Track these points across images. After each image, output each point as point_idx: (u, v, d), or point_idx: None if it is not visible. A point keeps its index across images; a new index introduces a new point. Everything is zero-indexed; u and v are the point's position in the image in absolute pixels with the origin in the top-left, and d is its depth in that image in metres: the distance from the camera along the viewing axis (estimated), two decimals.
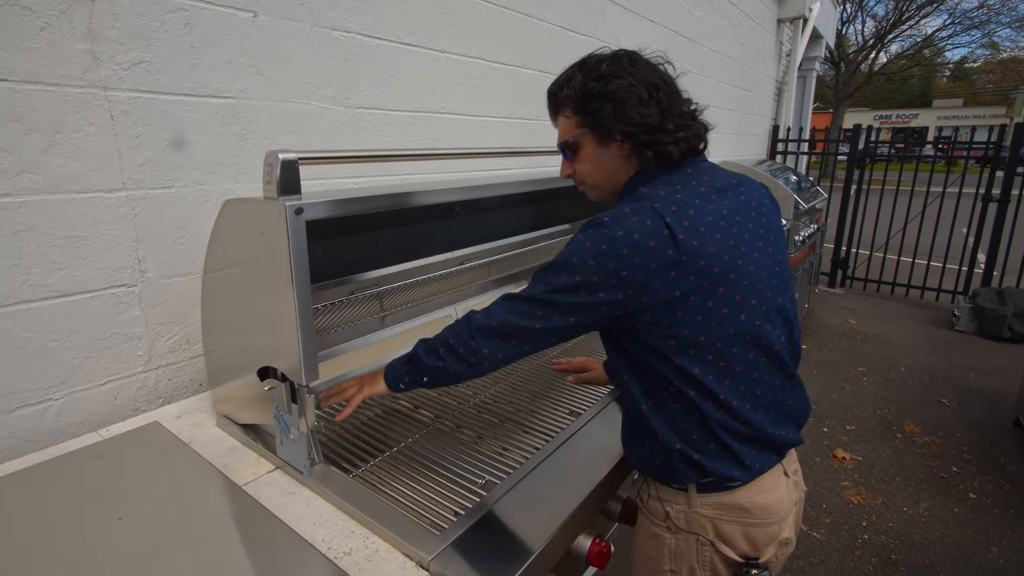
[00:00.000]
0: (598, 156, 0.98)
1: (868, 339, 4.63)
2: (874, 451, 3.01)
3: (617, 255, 0.84)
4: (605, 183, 1.02)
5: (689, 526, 0.98)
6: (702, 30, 3.98)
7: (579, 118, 0.97)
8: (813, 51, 7.18)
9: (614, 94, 0.91)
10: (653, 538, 1.03)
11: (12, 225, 1.05)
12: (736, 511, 0.96)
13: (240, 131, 1.37)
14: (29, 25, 1.02)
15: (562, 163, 1.06)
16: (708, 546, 0.97)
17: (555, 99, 1.02)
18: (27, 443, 1.12)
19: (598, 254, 0.85)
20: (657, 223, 0.84)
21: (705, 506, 0.96)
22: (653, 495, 1.03)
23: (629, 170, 0.99)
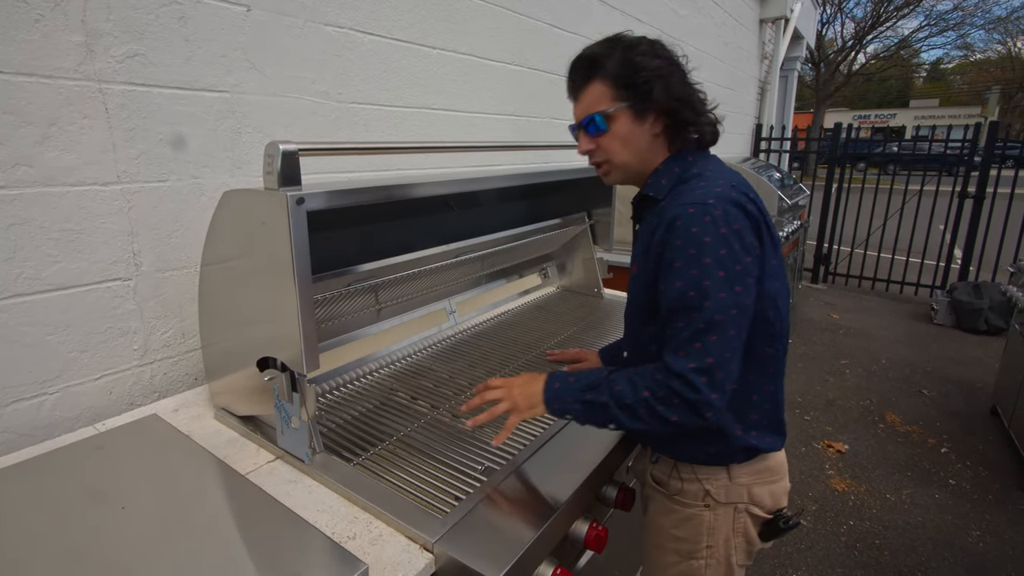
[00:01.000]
0: (631, 132, 0.96)
1: (850, 333, 4.73)
2: (857, 440, 3.08)
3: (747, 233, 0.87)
4: (633, 162, 1.00)
5: (728, 498, 1.02)
6: (687, 29, 4.03)
7: (618, 91, 0.94)
8: (794, 51, 7.30)
9: (659, 70, 0.93)
10: (688, 520, 1.05)
11: (7, 218, 1.05)
12: (766, 472, 1.03)
13: (234, 125, 1.38)
14: (23, 17, 1.02)
15: (581, 139, 1.01)
16: (743, 512, 1.03)
17: (590, 67, 0.97)
18: (22, 437, 1.12)
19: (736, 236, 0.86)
20: (743, 199, 0.90)
21: (743, 475, 1.02)
22: (689, 477, 1.04)
23: (660, 151, 1.00)
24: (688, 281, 0.85)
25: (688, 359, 0.85)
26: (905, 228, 5.51)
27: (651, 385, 0.87)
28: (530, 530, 0.89)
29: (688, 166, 0.99)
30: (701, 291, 0.84)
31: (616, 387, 0.90)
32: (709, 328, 0.84)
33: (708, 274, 0.84)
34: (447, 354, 1.60)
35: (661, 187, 0.99)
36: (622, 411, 0.89)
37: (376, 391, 1.38)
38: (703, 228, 0.85)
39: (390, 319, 1.59)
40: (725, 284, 0.84)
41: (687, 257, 0.86)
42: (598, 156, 1.02)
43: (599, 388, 0.92)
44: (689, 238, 0.86)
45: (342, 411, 1.27)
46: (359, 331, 1.50)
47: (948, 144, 5.42)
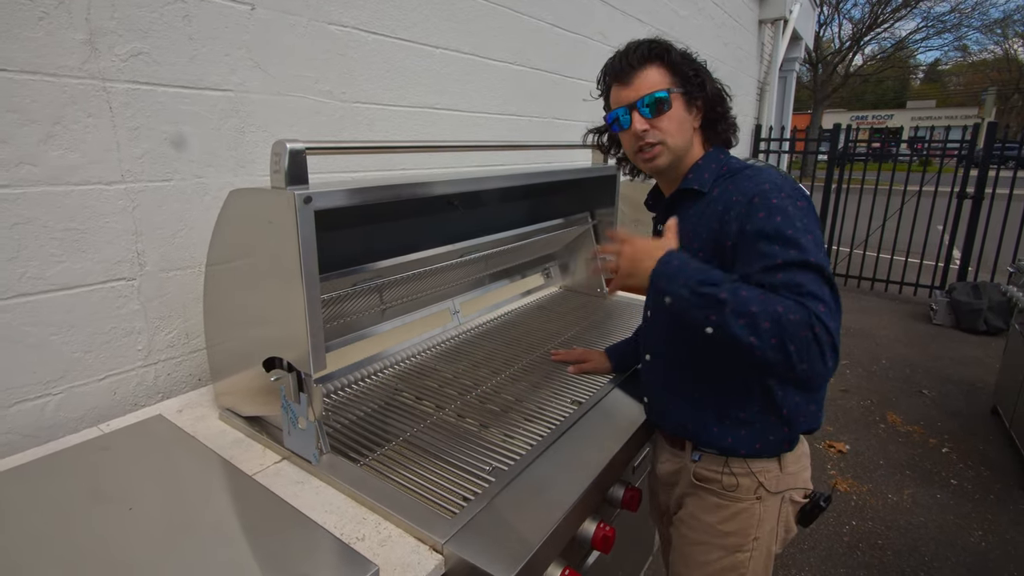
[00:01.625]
0: (684, 119, 1.02)
1: (850, 333, 4.73)
2: (859, 440, 3.08)
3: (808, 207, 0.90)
4: (682, 148, 1.03)
5: (778, 487, 1.04)
6: (687, 30, 4.03)
7: (675, 78, 1.01)
8: (793, 52, 7.31)
9: (702, 67, 1.03)
10: (739, 514, 1.05)
11: (11, 217, 1.04)
12: (804, 458, 1.07)
13: (238, 124, 1.37)
14: (27, 15, 1.01)
15: (635, 119, 1.01)
16: (787, 501, 1.05)
17: (650, 52, 1.01)
18: (26, 438, 1.11)
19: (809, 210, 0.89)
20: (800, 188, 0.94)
21: (791, 464, 1.04)
22: (742, 471, 1.05)
23: (697, 145, 1.06)
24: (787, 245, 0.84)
25: (818, 302, 0.79)
26: (904, 228, 5.52)
27: (789, 304, 0.78)
28: (539, 531, 0.88)
29: (726, 161, 1.05)
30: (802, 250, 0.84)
31: (742, 292, 0.82)
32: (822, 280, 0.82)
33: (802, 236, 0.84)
34: (451, 354, 1.60)
35: (704, 181, 1.03)
36: (739, 317, 0.80)
37: (381, 391, 1.37)
38: (782, 201, 0.88)
39: (394, 319, 1.58)
40: (815, 247, 0.85)
41: (776, 225, 0.86)
42: (652, 137, 1.02)
43: (719, 284, 0.84)
44: (772, 210, 0.88)
45: (348, 411, 1.27)
46: (364, 331, 1.50)
47: (947, 144, 5.43)
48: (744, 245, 0.90)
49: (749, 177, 0.96)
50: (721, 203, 0.97)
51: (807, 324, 0.77)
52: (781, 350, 0.78)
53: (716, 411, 1.05)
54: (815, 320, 0.77)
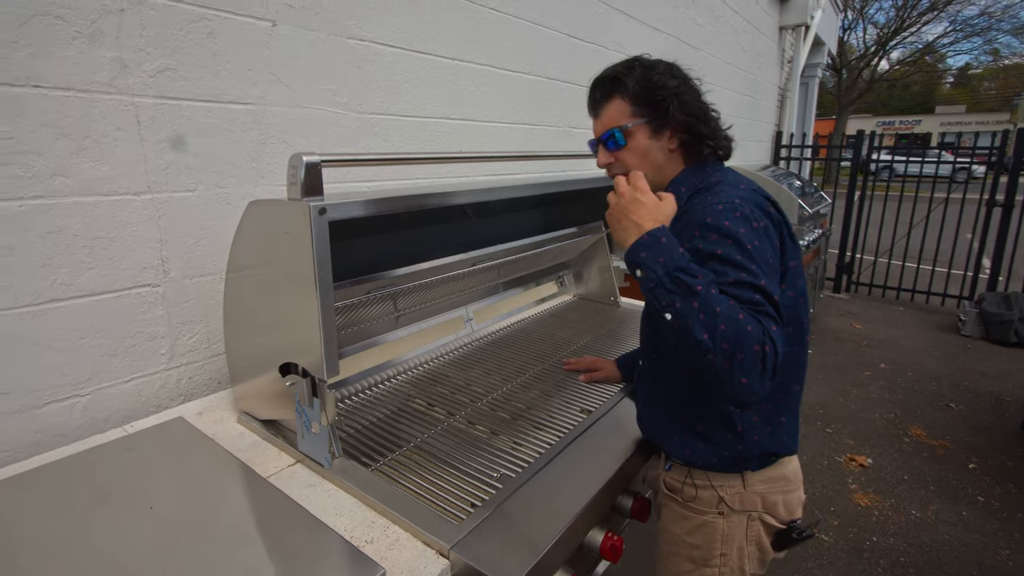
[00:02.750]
0: (648, 148, 1.02)
1: (874, 344, 4.63)
2: (881, 454, 3.01)
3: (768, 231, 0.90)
4: (650, 175, 1.03)
5: (743, 505, 1.03)
6: (705, 37, 4.02)
7: (636, 107, 1.01)
8: (815, 58, 7.23)
9: (676, 88, 1.00)
10: (702, 527, 1.06)
11: (44, 226, 1.09)
12: (781, 481, 1.04)
13: (259, 136, 1.41)
14: (62, 34, 1.06)
15: (600, 153, 1.07)
16: (756, 521, 1.04)
17: (611, 85, 1.03)
18: (55, 438, 1.16)
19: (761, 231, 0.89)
20: (764, 202, 0.94)
21: (758, 483, 1.03)
22: (703, 484, 1.05)
23: (675, 165, 1.05)
24: (736, 268, 0.85)
25: (771, 320, 0.81)
26: (931, 237, 5.40)
27: (748, 317, 0.79)
28: (545, 538, 0.89)
29: (706, 175, 1.04)
30: (751, 273, 0.85)
31: (713, 290, 0.81)
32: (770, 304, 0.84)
33: (752, 260, 0.86)
34: (464, 361, 1.62)
35: (680, 195, 1.03)
36: (702, 311, 0.79)
37: (394, 397, 1.39)
38: (734, 222, 0.88)
39: (408, 326, 1.61)
40: (763, 272, 0.86)
41: (728, 247, 0.87)
42: (616, 169, 1.07)
43: (698, 277, 0.82)
44: (724, 232, 0.87)
45: (360, 416, 1.29)
46: (378, 338, 1.52)
47: (976, 150, 5.30)
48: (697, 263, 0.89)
49: (715, 194, 0.95)
50: (683, 220, 0.96)
51: (759, 340, 0.78)
52: (729, 357, 0.77)
53: (679, 422, 1.06)
54: (767, 338, 0.78)
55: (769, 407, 1.01)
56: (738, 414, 0.99)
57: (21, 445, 1.11)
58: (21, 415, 1.11)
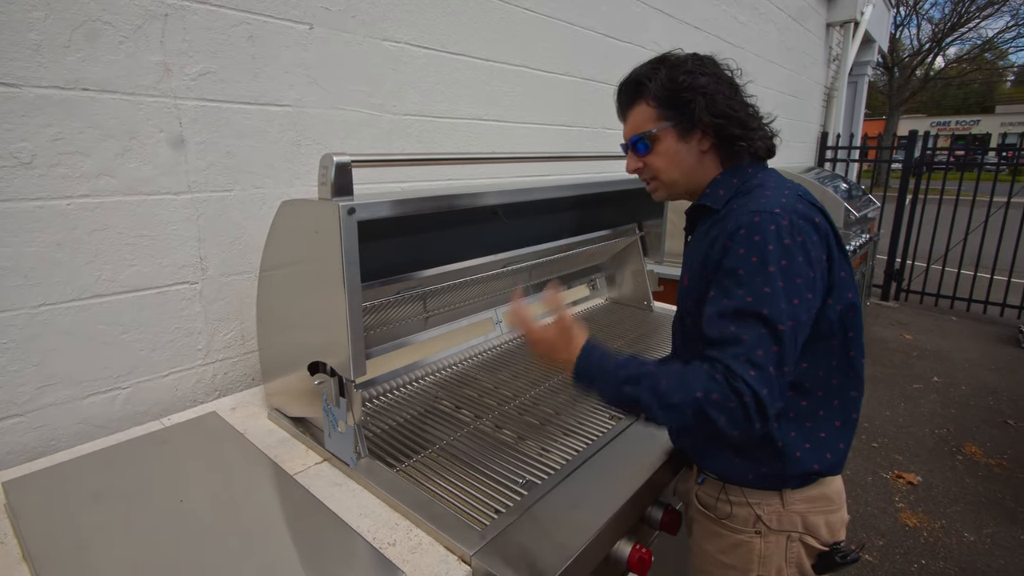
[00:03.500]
0: (677, 151, 0.98)
1: (925, 355, 4.40)
2: (932, 472, 2.85)
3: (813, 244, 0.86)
4: (681, 180, 1.01)
5: (781, 525, 0.98)
6: (747, 36, 3.91)
7: (662, 111, 0.97)
8: (865, 56, 6.94)
9: (704, 87, 0.94)
10: (738, 546, 1.01)
11: (90, 224, 1.13)
12: (822, 501, 0.99)
13: (295, 137, 1.44)
14: (109, 39, 1.10)
15: (629, 158, 1.04)
16: (796, 542, 0.99)
17: (635, 89, 1.00)
18: (97, 428, 1.20)
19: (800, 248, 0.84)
20: (811, 210, 0.89)
21: (797, 502, 0.98)
22: (739, 501, 1.01)
23: (710, 167, 1.00)
24: (750, 289, 0.83)
25: (749, 365, 0.79)
26: (990, 242, 5.09)
27: (708, 385, 0.80)
28: (570, 548, 0.87)
29: (747, 177, 0.98)
30: (761, 298, 0.82)
31: (660, 383, 0.84)
32: (770, 336, 0.81)
33: (770, 283, 0.82)
34: (492, 364, 1.61)
35: (719, 197, 0.98)
36: (664, 410, 0.83)
37: (421, 398, 1.39)
38: (766, 236, 0.83)
39: (437, 327, 1.61)
40: (784, 295, 0.82)
41: (750, 266, 0.83)
42: (645, 174, 1.04)
43: (640, 383, 0.85)
44: (752, 247, 0.84)
45: (387, 417, 1.30)
46: (407, 338, 1.53)
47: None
48: (718, 277, 0.88)
49: (755, 199, 0.90)
50: (717, 228, 0.92)
51: (731, 397, 0.78)
52: (708, 424, 0.80)
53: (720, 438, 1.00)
54: (743, 387, 0.78)
55: (808, 424, 0.95)
56: (776, 429, 0.94)
57: (65, 435, 1.15)
58: (66, 405, 1.15)
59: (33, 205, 1.06)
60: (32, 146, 1.04)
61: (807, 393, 0.94)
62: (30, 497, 0.92)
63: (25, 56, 1.01)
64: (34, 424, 1.11)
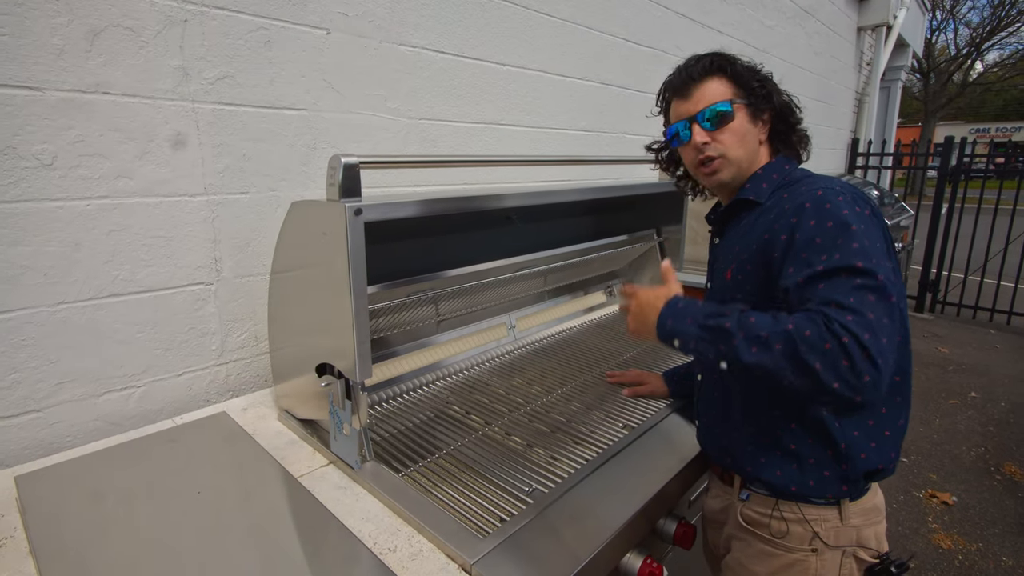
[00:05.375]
0: (747, 131, 0.98)
1: (962, 369, 4.22)
2: (968, 492, 2.71)
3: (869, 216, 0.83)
4: (744, 161, 1.00)
5: (838, 541, 0.94)
6: (774, 40, 3.84)
7: (738, 89, 0.98)
8: (898, 60, 6.76)
9: (768, 78, 1.00)
10: (791, 567, 0.96)
11: (108, 225, 1.15)
12: (874, 512, 0.96)
13: (310, 141, 1.45)
14: (130, 44, 1.13)
15: (696, 131, 0.98)
16: (850, 557, 0.95)
17: (711, 64, 0.99)
18: (111, 426, 1.22)
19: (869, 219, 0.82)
20: (862, 192, 0.87)
21: (854, 515, 0.94)
22: (794, 517, 0.95)
23: (761, 157, 1.02)
24: (836, 249, 0.77)
25: (845, 311, 0.71)
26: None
27: (801, 322, 0.73)
28: (574, 560, 0.84)
29: (789, 172, 1.00)
30: (851, 254, 0.76)
31: (750, 318, 0.78)
32: (870, 289, 0.73)
33: (857, 239, 0.77)
34: (504, 369, 1.59)
35: (762, 191, 0.98)
36: (750, 342, 0.76)
37: (431, 403, 1.38)
38: (836, 204, 0.82)
39: (449, 331, 1.59)
40: (874, 251, 0.77)
41: (827, 232, 0.80)
42: (713, 150, 0.99)
43: (725, 315, 0.82)
44: (825, 215, 0.81)
45: (396, 421, 1.29)
46: (418, 342, 1.52)
47: None
48: (791, 254, 0.83)
49: (807, 186, 0.91)
50: (773, 212, 0.92)
51: (827, 337, 0.70)
52: (803, 371, 0.72)
53: (765, 439, 0.96)
54: (840, 330, 0.70)
55: (871, 421, 0.91)
56: (838, 429, 0.89)
57: (81, 431, 1.17)
58: (82, 402, 1.17)
59: (54, 205, 1.08)
60: (54, 148, 1.07)
61: None
62: (40, 492, 0.94)
63: (48, 60, 1.04)
64: (50, 420, 1.13)
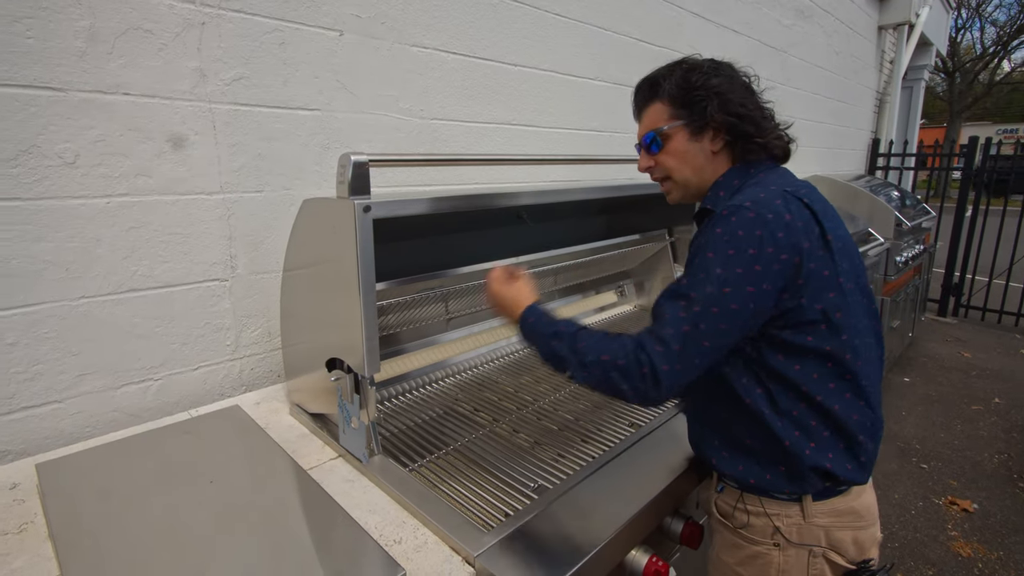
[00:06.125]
0: (688, 150, 0.99)
1: (985, 375, 4.12)
2: (990, 500, 2.65)
3: (774, 239, 0.84)
4: (693, 179, 1.01)
5: (802, 539, 0.94)
6: (791, 39, 3.80)
7: (674, 109, 0.99)
8: (921, 59, 6.63)
9: (717, 87, 0.96)
10: (755, 558, 0.97)
11: (128, 221, 1.19)
12: (848, 515, 0.95)
13: (324, 141, 1.47)
14: (149, 46, 1.16)
15: (641, 156, 1.06)
16: (819, 558, 0.94)
17: (650, 88, 1.03)
18: (130, 417, 1.25)
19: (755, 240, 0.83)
20: (795, 205, 0.88)
21: (820, 515, 0.94)
22: (757, 510, 0.97)
23: (720, 168, 1.01)
24: (690, 275, 0.88)
25: (656, 341, 0.85)
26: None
27: (615, 351, 0.87)
28: (577, 555, 0.84)
29: (748, 177, 0.98)
30: (693, 283, 0.86)
31: (580, 343, 0.91)
32: (685, 317, 0.85)
33: (706, 268, 0.85)
34: (514, 368, 1.59)
35: (718, 199, 0.98)
36: (578, 368, 0.90)
37: (440, 400, 1.39)
38: (725, 228, 0.86)
39: (459, 329, 1.61)
40: (717, 281, 0.84)
41: (702, 256, 0.87)
42: (657, 173, 1.06)
43: (563, 338, 0.93)
44: (711, 238, 0.87)
45: (405, 417, 1.30)
46: (428, 339, 1.53)
47: None
48: None
49: (740, 195, 0.92)
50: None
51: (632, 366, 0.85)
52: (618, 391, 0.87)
53: (726, 435, 0.98)
54: (644, 359, 0.84)
55: (812, 422, 0.90)
56: (779, 427, 0.90)
57: (100, 422, 1.21)
58: (102, 394, 1.21)
59: (76, 203, 1.12)
60: (76, 147, 1.10)
61: (806, 396, 0.90)
62: (60, 479, 0.97)
63: (71, 62, 1.07)
64: (71, 411, 1.17)
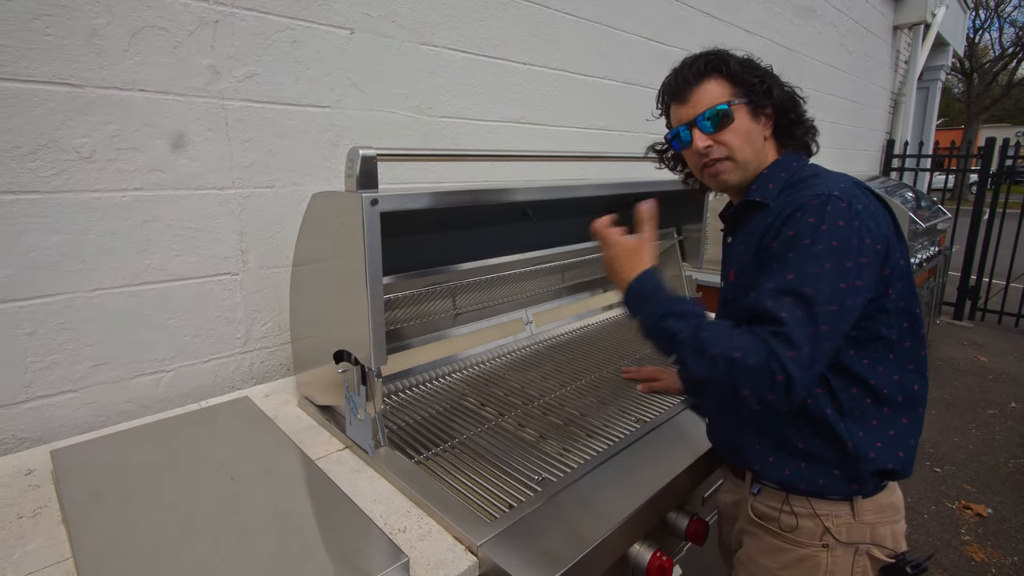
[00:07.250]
0: (751, 130, 0.96)
1: (1002, 379, 4.05)
2: (1005, 505, 2.60)
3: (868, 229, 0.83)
4: (753, 160, 0.97)
5: (851, 537, 0.93)
6: (803, 39, 3.77)
7: (736, 88, 0.95)
8: (937, 60, 6.55)
9: (767, 72, 0.97)
10: (802, 561, 0.95)
11: (142, 215, 1.21)
12: (890, 510, 0.95)
13: (334, 137, 1.49)
14: (164, 43, 1.19)
15: (696, 136, 0.97)
16: (863, 555, 0.93)
17: (707, 66, 0.97)
18: (142, 408, 1.27)
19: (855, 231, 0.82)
20: (867, 197, 0.88)
21: (868, 512, 0.93)
22: (806, 512, 0.94)
23: (769, 155, 1.00)
24: (796, 269, 0.81)
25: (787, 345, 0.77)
26: None
27: (746, 349, 0.78)
28: (579, 546, 0.85)
29: (796, 170, 0.98)
30: (804, 278, 0.80)
31: (705, 329, 0.83)
32: (808, 317, 0.79)
33: (814, 260, 0.80)
34: (521, 363, 1.60)
35: (768, 191, 0.96)
36: (696, 355, 0.82)
37: (446, 394, 1.40)
38: (820, 218, 0.82)
39: (466, 325, 1.62)
40: (830, 277, 0.80)
41: (800, 248, 0.82)
42: (717, 152, 0.97)
43: (685, 319, 0.85)
44: (806, 228, 0.83)
45: (412, 410, 1.31)
46: (436, 334, 1.54)
47: None
48: (767, 263, 0.86)
49: (810, 187, 0.89)
50: (772, 216, 0.90)
51: (764, 372, 0.77)
52: (734, 389, 0.79)
53: (773, 438, 0.95)
54: (776, 366, 0.76)
55: (875, 421, 0.90)
56: (845, 429, 0.89)
57: (113, 412, 1.23)
58: (115, 384, 1.23)
59: (92, 196, 1.15)
60: (92, 142, 1.13)
61: (872, 390, 0.89)
62: (73, 465, 0.99)
63: (89, 59, 1.10)
64: (85, 400, 1.20)
